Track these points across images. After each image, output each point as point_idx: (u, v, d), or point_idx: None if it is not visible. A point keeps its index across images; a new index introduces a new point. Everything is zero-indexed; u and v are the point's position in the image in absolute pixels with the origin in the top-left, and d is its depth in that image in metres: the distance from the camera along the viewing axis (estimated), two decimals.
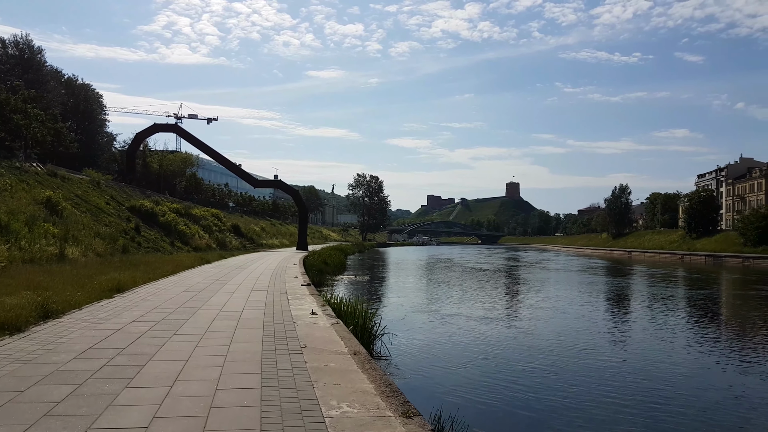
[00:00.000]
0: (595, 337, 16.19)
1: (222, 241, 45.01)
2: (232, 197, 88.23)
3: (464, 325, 17.07)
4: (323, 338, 7.97)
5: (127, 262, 20.24)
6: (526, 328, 17.26)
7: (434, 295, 27.24)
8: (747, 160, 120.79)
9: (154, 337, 7.84)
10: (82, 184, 36.84)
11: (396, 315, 18.78)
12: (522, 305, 24.15)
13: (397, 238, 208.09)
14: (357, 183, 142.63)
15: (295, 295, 13.35)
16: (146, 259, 22.78)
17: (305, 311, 10.63)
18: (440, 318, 18.68)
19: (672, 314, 21.78)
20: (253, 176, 55.53)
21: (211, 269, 21.88)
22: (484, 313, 20.23)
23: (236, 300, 12.29)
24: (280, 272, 21.44)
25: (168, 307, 10.81)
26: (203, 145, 53.25)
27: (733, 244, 78.54)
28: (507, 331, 16.66)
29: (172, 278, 17.14)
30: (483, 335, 15.54)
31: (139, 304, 11.24)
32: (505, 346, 14.20)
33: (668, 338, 16.19)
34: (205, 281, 16.60)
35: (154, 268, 18.60)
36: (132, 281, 14.31)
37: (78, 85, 62.72)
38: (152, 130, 53.76)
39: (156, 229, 36.91)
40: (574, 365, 12.30)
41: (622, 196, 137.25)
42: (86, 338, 7.60)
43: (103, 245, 25.23)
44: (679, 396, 10.08)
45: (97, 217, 30.97)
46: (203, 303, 11.66)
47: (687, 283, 39.12)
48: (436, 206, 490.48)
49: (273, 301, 12.13)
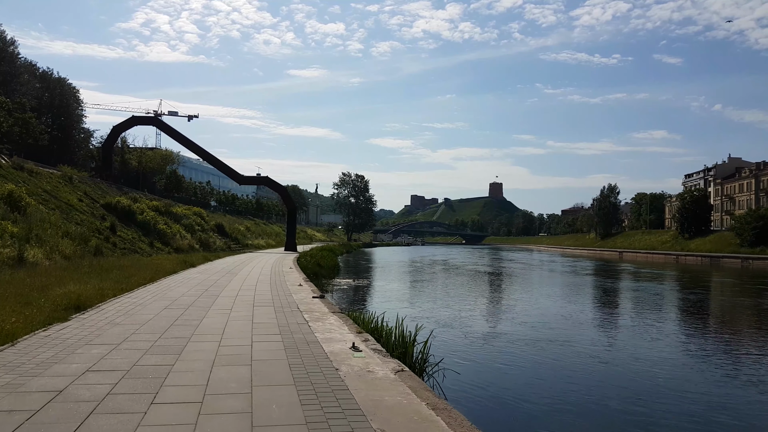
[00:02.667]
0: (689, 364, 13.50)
1: (205, 241, 41.74)
2: (214, 195, 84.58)
3: (525, 352, 13.49)
4: (401, 411, 4.86)
5: (98, 266, 17.10)
6: (599, 353, 14.17)
7: (454, 305, 23.07)
8: (735, 159, 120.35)
9: (114, 415, 4.51)
10: (53, 179, 33.43)
11: (429, 333, 15.39)
12: (563, 317, 21.37)
13: (383, 239, 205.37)
14: (342, 182, 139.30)
15: (312, 313, 10.45)
16: (121, 263, 19.61)
17: (340, 343, 7.75)
18: (488, 339, 15.08)
19: (705, 324, 19.30)
20: (239, 173, 52.16)
21: (196, 275, 18.78)
22: (532, 331, 16.59)
23: (237, 324, 9.25)
24: (279, 278, 18.44)
25: (142, 339, 7.76)
26: (185, 139, 49.82)
27: (728, 245, 77.23)
28: (584, 359, 13.11)
29: (150, 288, 14.13)
30: (552, 363, 12.38)
31: (102, 333, 8.14)
32: (596, 378, 11.23)
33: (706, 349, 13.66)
34: (191, 292, 13.60)
35: (129, 274, 15.51)
36: (98, 294, 11.29)
37: (53, 79, 59.80)
38: (130, 123, 50.21)
39: (134, 229, 33.63)
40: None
41: (611, 195, 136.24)
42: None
43: (72, 246, 22.03)
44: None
45: (67, 215, 27.70)
46: (192, 330, 8.59)
47: (700, 287, 36.96)
48: (420, 206, 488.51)
49: (288, 324, 9.18)
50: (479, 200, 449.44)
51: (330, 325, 9.16)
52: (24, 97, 44.93)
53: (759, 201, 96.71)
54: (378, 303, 22.10)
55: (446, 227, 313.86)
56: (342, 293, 25.12)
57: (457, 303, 23.71)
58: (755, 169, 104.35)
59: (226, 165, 51.55)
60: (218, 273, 19.95)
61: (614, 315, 21.98)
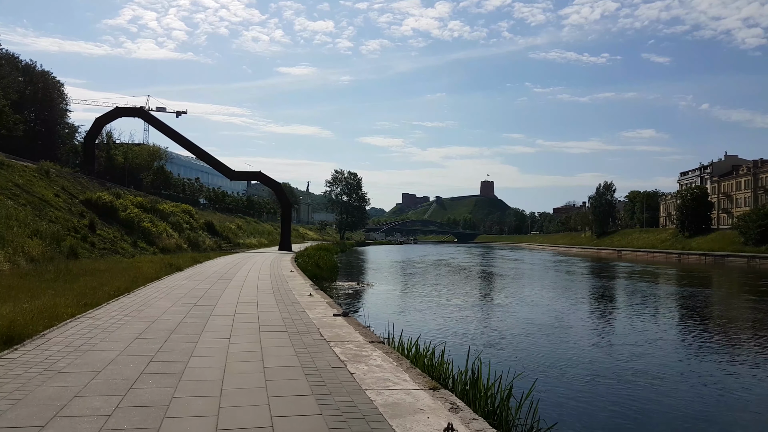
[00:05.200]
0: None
1: (194, 240, 39.02)
2: (204, 193, 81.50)
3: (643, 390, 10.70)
4: None
5: (66, 271, 14.46)
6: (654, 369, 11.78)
7: (502, 320, 18.88)
8: (731, 157, 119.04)
9: None
10: (27, 172, 30.61)
11: (510, 371, 11.44)
12: (601, 324, 18.99)
13: (375, 237, 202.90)
14: (335, 180, 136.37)
15: (344, 344, 7.62)
16: (96, 266, 16.96)
17: (419, 417, 4.64)
18: (597, 378, 11.57)
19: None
20: (230, 168, 49.39)
21: (183, 282, 16.04)
22: (626, 356, 13.44)
23: (241, 369, 6.13)
24: (282, 285, 15.86)
25: (89, 411, 4.57)
26: (172, 132, 47.00)
27: (731, 243, 75.57)
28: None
29: (123, 302, 11.08)
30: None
31: (30, 395, 4.94)
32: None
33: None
34: (175, 309, 10.60)
35: (101, 282, 12.86)
36: (49, 315, 8.32)
37: (36, 72, 57.11)
38: (115, 115, 47.30)
39: (116, 227, 30.90)
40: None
41: (607, 193, 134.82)
42: None
43: (42, 247, 19.38)
44: None
45: (40, 212, 24.99)
46: (173, 384, 5.42)
47: (718, 287, 34.82)
48: (411, 204, 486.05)
49: (317, 369, 6.15)
50: (470, 198, 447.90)
51: (379, 369, 6.31)
52: (4, 90, 42.20)
53: (757, 199, 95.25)
54: (402, 315, 18.64)
55: (438, 226, 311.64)
56: (351, 300, 22.48)
57: (503, 317, 19.43)
58: (753, 167, 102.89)
59: (216, 159, 48.82)
60: (209, 278, 17.26)
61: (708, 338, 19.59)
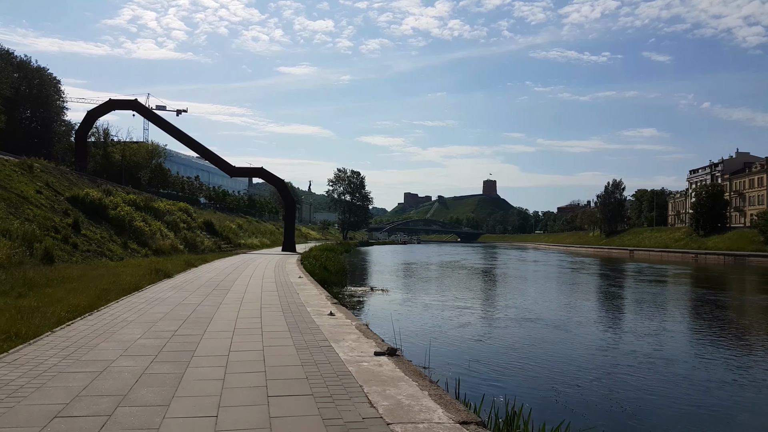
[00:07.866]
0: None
1: (192, 241, 36.22)
2: (203, 191, 78.77)
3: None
4: None
5: (26, 281, 11.66)
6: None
7: (570, 337, 15.97)
8: (743, 154, 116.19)
9: None
10: (6, 166, 27.85)
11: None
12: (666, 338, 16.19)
13: (378, 237, 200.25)
14: (337, 178, 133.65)
15: (414, 427, 4.22)
16: (68, 273, 14.17)
17: None
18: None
19: None
20: (230, 164, 46.59)
21: (169, 294, 12.73)
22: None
23: None
24: (292, 298, 13.02)
25: None
26: (170, 126, 44.20)
27: (750, 242, 72.81)
28: None
29: (76, 329, 7.85)
30: None
31: None
32: None
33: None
34: (142, 345, 7.08)
35: (58, 297, 10.00)
36: None
37: (32, 68, 55.14)
38: (107, 107, 44.48)
39: (105, 226, 28.14)
40: None
41: (616, 191, 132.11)
42: None
43: (11, 249, 16.55)
44: None
45: (16, 209, 22.24)
46: None
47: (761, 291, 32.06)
48: (413, 204, 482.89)
49: None
50: (473, 198, 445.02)
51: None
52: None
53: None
54: (446, 338, 14.87)
55: (441, 225, 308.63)
56: (371, 311, 19.57)
57: (558, 326, 16.73)
58: (767, 164, 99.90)
59: (216, 155, 46.03)
60: (202, 289, 14.18)
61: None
